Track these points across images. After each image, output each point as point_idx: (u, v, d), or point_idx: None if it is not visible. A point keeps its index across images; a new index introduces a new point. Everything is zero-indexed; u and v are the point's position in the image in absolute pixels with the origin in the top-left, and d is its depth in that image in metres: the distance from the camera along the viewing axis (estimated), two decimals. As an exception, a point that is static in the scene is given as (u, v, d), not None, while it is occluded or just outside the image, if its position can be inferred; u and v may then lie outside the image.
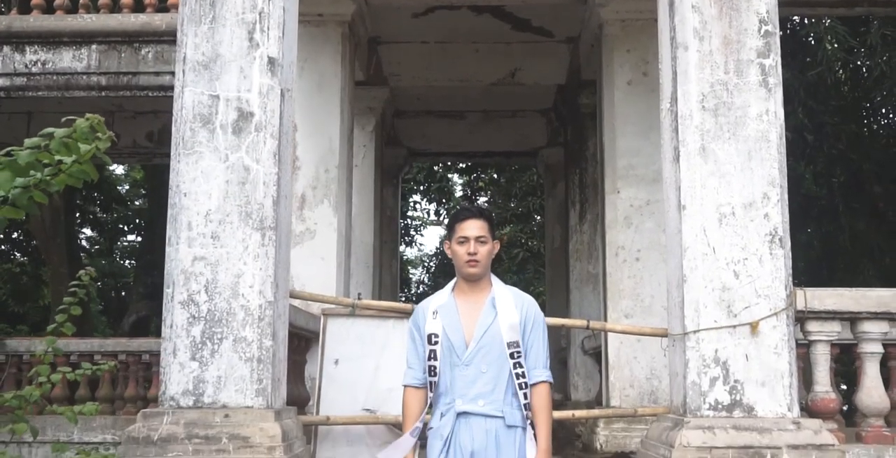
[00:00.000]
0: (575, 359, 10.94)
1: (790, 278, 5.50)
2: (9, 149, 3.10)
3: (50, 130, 3.08)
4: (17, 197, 3.27)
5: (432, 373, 3.84)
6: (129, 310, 22.25)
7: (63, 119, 3.16)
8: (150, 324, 19.54)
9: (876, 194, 12.71)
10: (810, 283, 15.13)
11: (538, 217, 22.69)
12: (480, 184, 25.22)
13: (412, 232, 28.49)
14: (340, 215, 8.73)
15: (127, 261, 24.54)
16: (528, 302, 3.94)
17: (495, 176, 23.69)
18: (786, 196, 5.58)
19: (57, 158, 3.15)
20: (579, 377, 10.84)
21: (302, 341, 7.33)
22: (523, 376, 3.80)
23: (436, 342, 3.82)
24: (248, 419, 5.33)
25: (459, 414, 3.75)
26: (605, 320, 8.54)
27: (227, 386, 5.41)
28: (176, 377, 5.44)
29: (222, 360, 5.43)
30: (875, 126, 13.68)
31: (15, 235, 20.26)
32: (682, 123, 5.71)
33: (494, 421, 3.74)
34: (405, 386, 3.96)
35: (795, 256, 16.13)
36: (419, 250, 31.63)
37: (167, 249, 5.60)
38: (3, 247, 21.13)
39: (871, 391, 5.69)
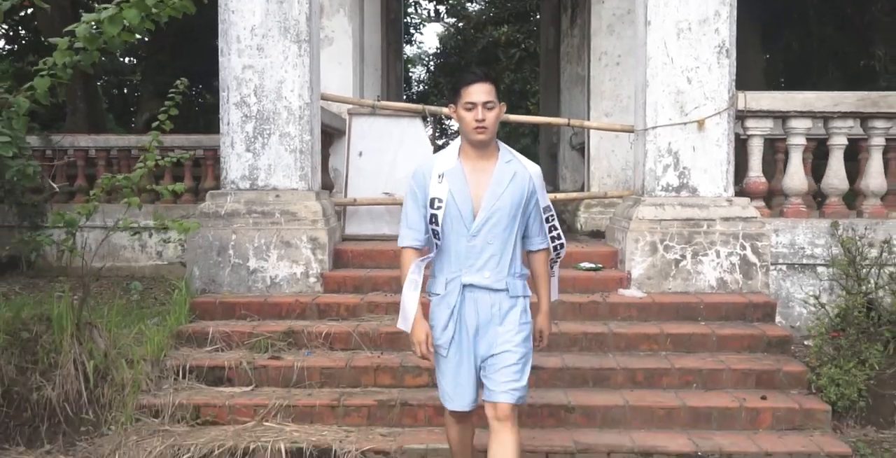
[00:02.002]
0: (563, 153, 12.13)
1: (733, 84, 6.67)
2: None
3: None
4: (136, 25, 4.42)
5: (433, 237, 3.84)
6: (142, 108, 23.24)
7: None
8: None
9: (845, -1, 13.44)
10: (789, 82, 16.22)
11: (536, 15, 23.21)
12: (479, -19, 25.52)
13: (412, 30, 29.02)
14: (354, 23, 9.69)
15: (127, 59, 25.12)
16: (535, 170, 3.90)
17: (494, -29, 23.99)
18: (734, 13, 6.65)
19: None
20: (567, 170, 12.05)
21: (327, 137, 8.55)
22: (526, 244, 3.96)
23: (438, 207, 3.77)
24: (294, 198, 6.70)
25: (465, 286, 3.80)
26: (589, 118, 9.74)
27: (276, 173, 6.74)
28: (234, 165, 6.76)
29: (271, 151, 6.72)
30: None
31: (27, 38, 20.86)
32: (650, -55, 6.67)
33: (499, 294, 3.80)
34: (404, 247, 3.91)
35: (775, 57, 17.02)
36: (418, 47, 32.29)
37: (220, 58, 6.74)
38: (14, 47, 21.76)
39: (794, 175, 7.00)
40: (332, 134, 8.70)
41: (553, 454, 4.86)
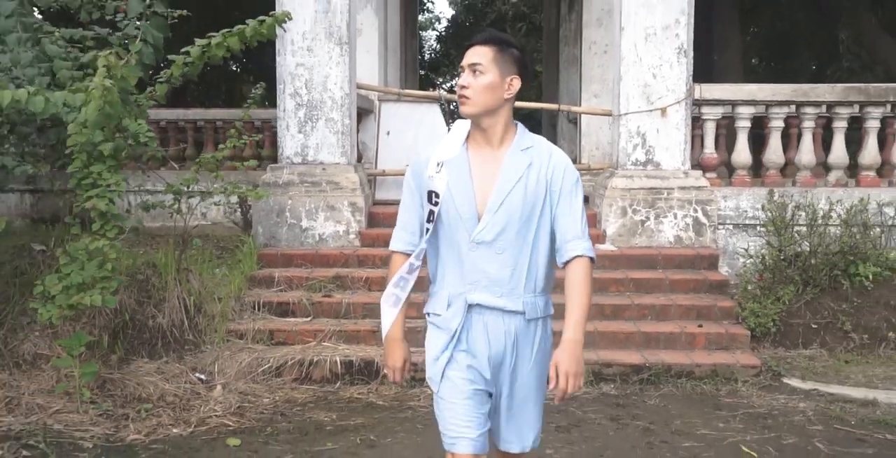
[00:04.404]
0: (562, 126, 13.64)
1: (691, 78, 8.25)
2: None
3: None
4: (235, 49, 5.99)
5: (425, 237, 3.10)
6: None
7: None
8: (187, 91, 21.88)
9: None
10: (772, 56, 17.67)
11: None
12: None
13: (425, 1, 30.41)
14: (380, 16, 11.22)
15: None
16: (559, 158, 3.04)
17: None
18: (692, 21, 8.20)
19: None
20: (564, 141, 13.53)
21: (358, 116, 10.16)
22: (555, 252, 3.11)
23: (436, 203, 3.02)
24: (337, 171, 8.36)
25: (471, 306, 3.05)
26: (580, 98, 11.32)
27: (323, 150, 8.38)
28: (289, 144, 8.40)
29: (318, 133, 8.36)
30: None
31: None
32: (621, -36, 8.22)
33: (513, 318, 3.07)
34: (394, 251, 3.20)
35: (761, 33, 18.45)
36: (429, 11, 33.61)
37: (277, 58, 8.35)
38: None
39: (740, 152, 8.61)
40: (361, 113, 10.27)
41: (539, 365, 6.55)
